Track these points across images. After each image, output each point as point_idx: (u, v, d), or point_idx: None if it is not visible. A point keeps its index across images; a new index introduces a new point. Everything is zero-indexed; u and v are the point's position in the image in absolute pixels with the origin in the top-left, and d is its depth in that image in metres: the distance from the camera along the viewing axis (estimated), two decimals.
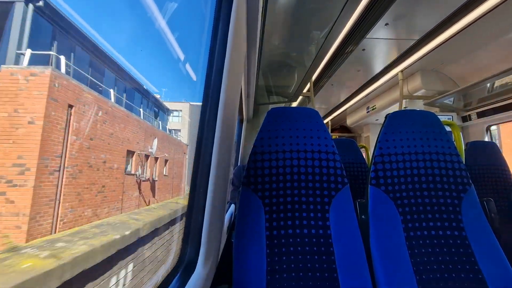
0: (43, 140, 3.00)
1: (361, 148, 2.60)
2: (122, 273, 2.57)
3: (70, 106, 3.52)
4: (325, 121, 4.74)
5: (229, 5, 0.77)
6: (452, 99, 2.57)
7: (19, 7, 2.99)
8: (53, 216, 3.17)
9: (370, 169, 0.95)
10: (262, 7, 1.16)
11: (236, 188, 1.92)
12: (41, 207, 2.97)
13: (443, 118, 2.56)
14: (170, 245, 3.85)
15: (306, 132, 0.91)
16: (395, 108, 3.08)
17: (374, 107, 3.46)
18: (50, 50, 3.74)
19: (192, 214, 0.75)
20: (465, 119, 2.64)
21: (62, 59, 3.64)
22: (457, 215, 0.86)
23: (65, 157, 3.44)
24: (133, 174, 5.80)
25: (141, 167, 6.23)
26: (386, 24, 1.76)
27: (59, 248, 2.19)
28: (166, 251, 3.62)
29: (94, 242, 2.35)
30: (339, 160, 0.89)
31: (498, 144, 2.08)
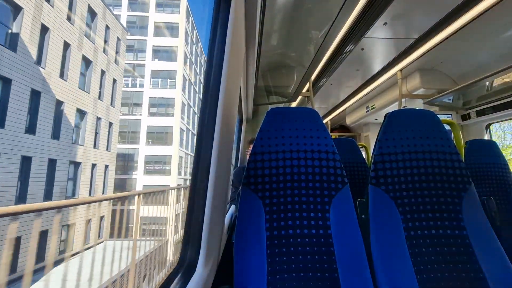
0: None
1: (361, 147, 2.60)
2: None
3: None
4: (324, 121, 4.75)
5: (228, 6, 0.77)
6: (451, 97, 2.57)
7: None
8: None
9: (370, 168, 0.94)
10: (261, 8, 1.16)
11: (236, 188, 1.92)
12: None
13: (442, 116, 2.55)
14: None
15: (306, 132, 0.91)
16: (394, 107, 3.08)
17: (374, 106, 3.45)
18: None
19: (192, 215, 0.75)
20: (464, 117, 2.64)
21: None
22: (458, 214, 0.86)
23: None
24: None
25: None
26: (385, 24, 1.76)
27: None
28: None
29: None
30: (339, 159, 0.89)
31: None
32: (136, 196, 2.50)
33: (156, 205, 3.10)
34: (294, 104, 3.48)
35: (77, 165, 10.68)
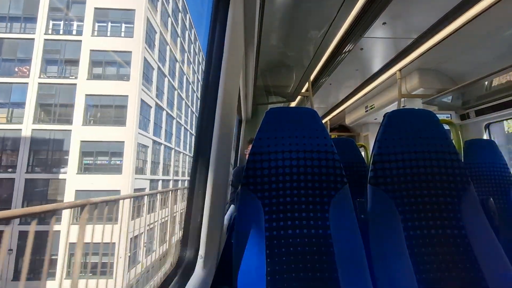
0: None
1: (360, 147, 2.59)
2: None
3: None
4: (324, 121, 4.75)
5: (226, 6, 0.77)
6: (450, 97, 2.57)
7: None
8: None
9: (369, 168, 0.94)
10: (259, 7, 1.16)
11: (235, 188, 1.92)
12: None
13: (441, 116, 2.56)
14: None
15: (305, 132, 0.91)
16: (393, 107, 3.08)
17: (373, 106, 3.46)
18: None
19: (191, 215, 0.75)
20: (463, 117, 2.64)
21: None
22: (457, 213, 0.86)
23: None
24: None
25: None
26: (384, 23, 1.76)
27: None
28: None
29: None
30: (338, 159, 0.89)
31: None
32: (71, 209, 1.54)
33: (99, 223, 1.98)
34: (293, 104, 3.48)
35: None
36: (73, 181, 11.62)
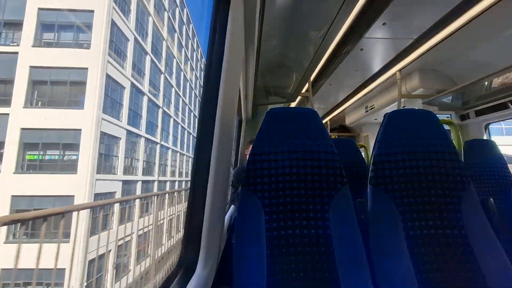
0: None
1: (360, 147, 2.60)
2: None
3: None
4: (324, 121, 4.75)
5: (227, 7, 0.77)
6: (450, 97, 2.57)
7: None
8: None
9: (369, 168, 0.95)
10: (260, 8, 1.16)
11: (236, 189, 1.92)
12: None
13: (441, 116, 2.56)
14: None
15: (305, 132, 0.91)
16: (393, 107, 3.08)
17: (373, 106, 3.46)
18: None
19: (192, 215, 0.75)
20: (463, 117, 2.64)
21: None
22: (457, 213, 0.86)
23: None
24: None
25: None
26: (384, 24, 1.77)
27: None
28: None
29: None
30: (338, 160, 0.89)
31: None
32: None
33: (44, 241, 1.38)
34: (293, 104, 3.49)
35: None
36: (9, 183, 8.13)
